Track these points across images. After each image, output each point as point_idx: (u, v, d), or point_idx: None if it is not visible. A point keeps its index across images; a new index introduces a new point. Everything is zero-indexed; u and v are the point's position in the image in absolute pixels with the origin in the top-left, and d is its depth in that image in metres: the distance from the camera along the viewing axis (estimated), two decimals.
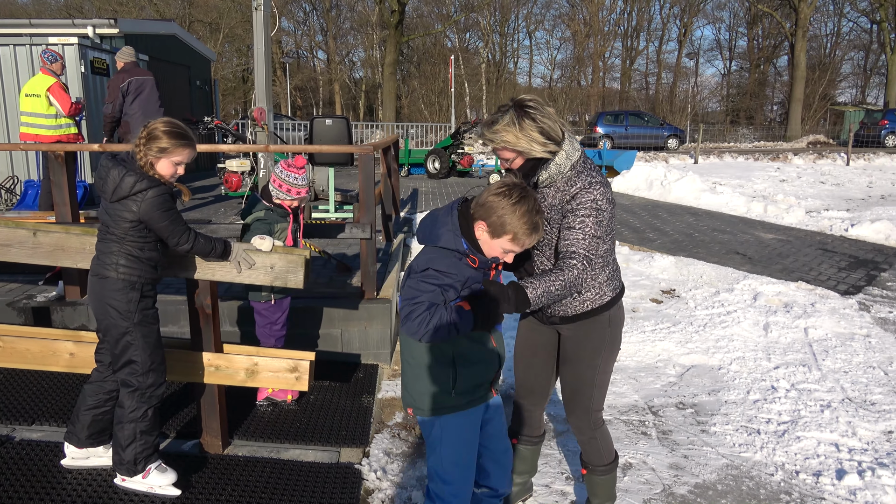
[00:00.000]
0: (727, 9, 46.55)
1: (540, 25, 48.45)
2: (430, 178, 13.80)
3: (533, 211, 2.05)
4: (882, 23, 33.18)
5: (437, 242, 2.07)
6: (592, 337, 2.42)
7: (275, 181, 3.47)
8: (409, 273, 2.11)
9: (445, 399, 2.14)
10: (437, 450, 2.20)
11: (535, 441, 2.78)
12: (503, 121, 2.23)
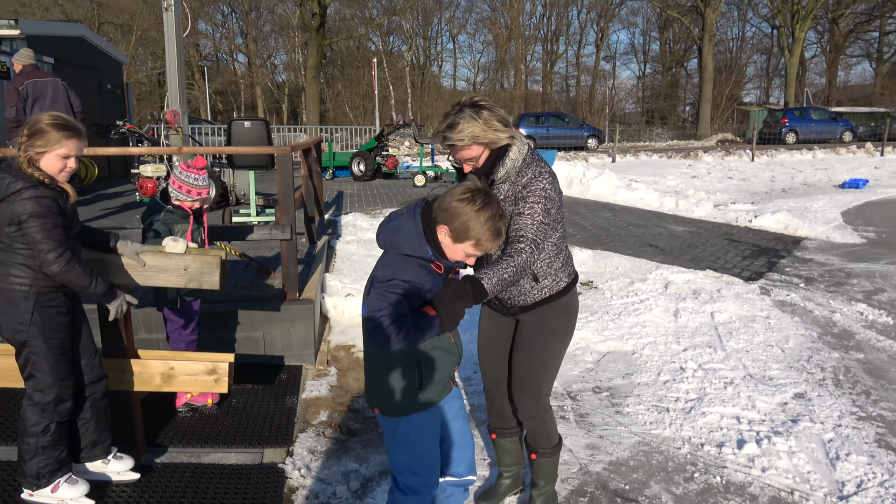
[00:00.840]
0: (640, 14, 48.55)
1: (462, 29, 49.04)
2: (355, 180, 13.74)
3: (496, 216, 2.07)
4: (781, 28, 35.40)
5: (402, 250, 2.05)
6: (548, 321, 2.52)
7: (174, 182, 3.41)
8: (374, 282, 2.08)
9: (412, 399, 2.16)
10: (406, 446, 2.22)
11: (513, 432, 2.83)
12: (463, 119, 2.27)
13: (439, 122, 2.38)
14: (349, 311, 5.12)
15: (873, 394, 3.96)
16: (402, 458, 2.24)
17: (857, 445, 3.32)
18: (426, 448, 2.23)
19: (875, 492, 2.92)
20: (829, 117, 27.62)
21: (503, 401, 2.77)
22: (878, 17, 42.63)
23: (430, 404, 2.20)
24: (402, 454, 2.23)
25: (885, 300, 5.91)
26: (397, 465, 2.27)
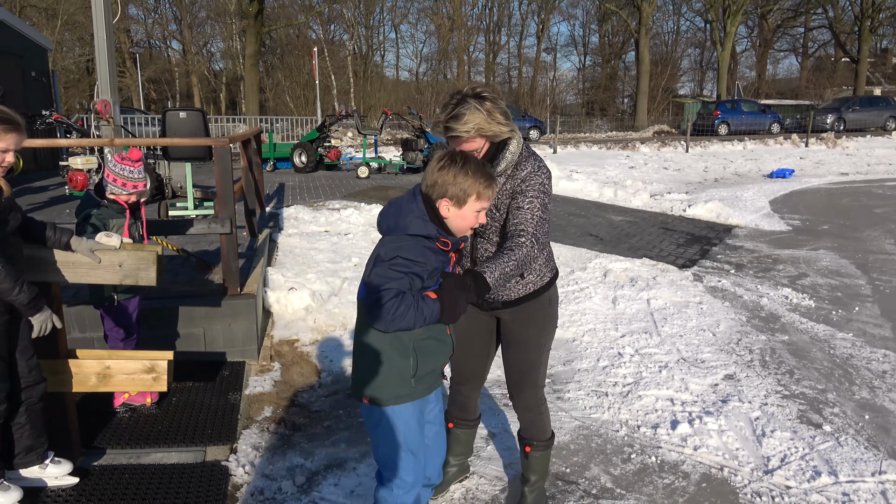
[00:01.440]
0: (580, 6, 49.30)
1: (405, 19, 48.73)
2: (297, 171, 13.53)
3: (480, 164, 2.10)
4: (713, 22, 36.58)
5: (407, 230, 2.04)
6: (537, 318, 2.54)
7: (108, 176, 3.31)
8: (376, 262, 2.05)
9: (403, 387, 2.15)
10: (392, 438, 2.19)
11: (471, 424, 2.90)
12: (468, 110, 2.24)
13: (441, 112, 2.32)
14: (292, 305, 5.07)
15: (796, 373, 4.19)
16: (388, 452, 2.21)
17: (782, 422, 3.52)
18: (413, 440, 2.21)
19: (797, 465, 3.11)
20: (759, 109, 28.77)
21: (471, 394, 2.81)
22: (803, 14, 44.60)
23: (420, 394, 2.19)
24: (387, 447, 2.21)
25: (808, 284, 6.24)
26: (383, 458, 2.24)
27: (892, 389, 3.95)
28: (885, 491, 2.91)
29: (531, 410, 2.68)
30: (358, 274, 5.91)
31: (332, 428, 3.57)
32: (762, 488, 2.94)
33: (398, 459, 2.20)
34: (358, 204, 8.69)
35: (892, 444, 3.32)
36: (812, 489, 2.93)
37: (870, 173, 16.88)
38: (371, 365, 2.14)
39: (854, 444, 3.30)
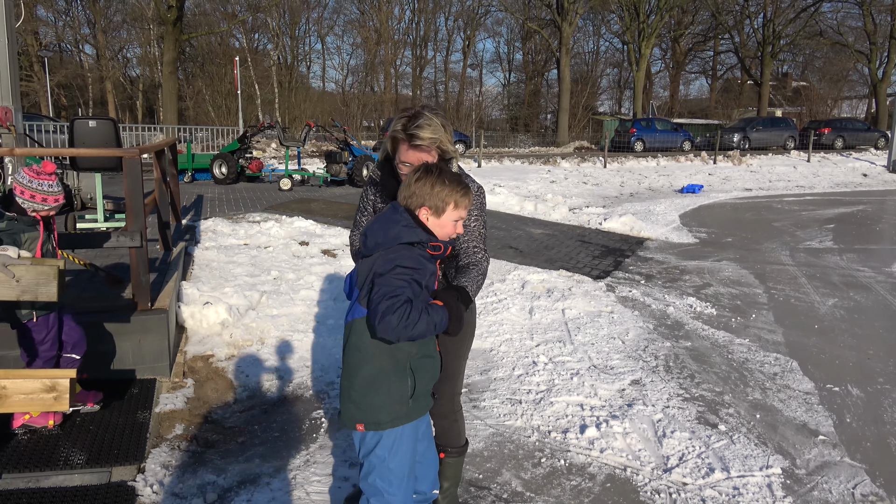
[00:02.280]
0: (504, 24, 50.45)
1: (331, 30, 48.52)
2: (216, 183, 13.21)
3: (455, 175, 2.18)
4: (630, 44, 38.26)
5: (399, 240, 2.06)
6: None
7: (23, 192, 3.17)
8: (375, 277, 2.03)
9: (402, 409, 2.12)
10: (387, 462, 2.16)
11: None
12: (430, 122, 2.32)
13: (402, 119, 2.36)
14: (208, 319, 4.96)
15: (697, 377, 4.45)
16: (382, 476, 2.18)
17: (682, 423, 3.74)
18: (404, 464, 2.20)
19: (694, 462, 3.31)
20: (672, 128, 30.24)
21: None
22: (712, 38, 47.33)
23: (417, 415, 2.18)
24: (382, 472, 2.18)
25: (711, 293, 6.63)
26: (373, 486, 2.20)
27: (782, 390, 4.26)
28: (771, 484, 3.14)
29: (447, 417, 2.73)
30: (277, 288, 5.86)
31: (246, 444, 3.52)
32: (661, 486, 3.11)
33: (392, 484, 2.19)
34: (279, 217, 8.59)
35: (779, 441, 3.58)
36: (706, 485, 3.12)
37: (771, 189, 18.06)
38: (368, 389, 2.11)
39: (745, 442, 3.54)
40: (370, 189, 2.61)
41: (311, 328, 5.17)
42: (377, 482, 2.19)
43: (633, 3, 35.80)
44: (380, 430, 2.13)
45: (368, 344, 2.09)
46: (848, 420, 3.84)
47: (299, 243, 7.43)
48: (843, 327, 5.59)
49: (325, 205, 10.35)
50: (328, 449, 3.45)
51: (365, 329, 2.08)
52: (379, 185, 2.53)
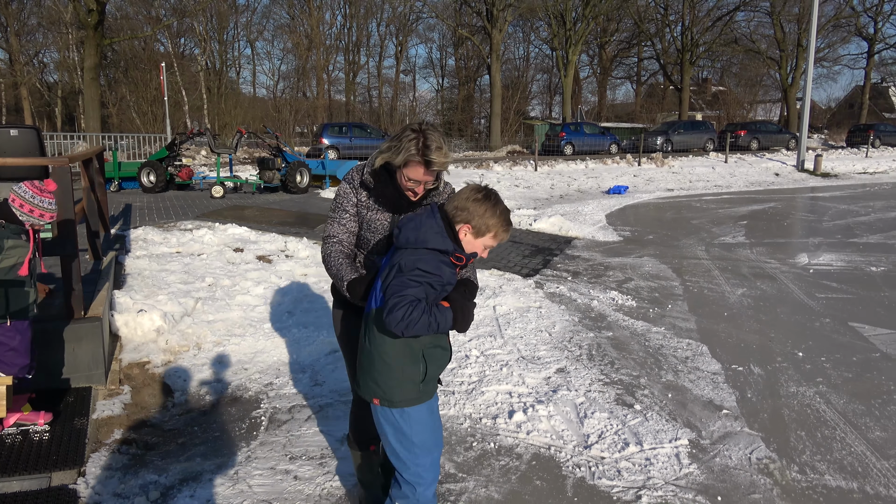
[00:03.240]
0: (436, 30, 50.96)
1: (260, 35, 47.82)
2: (145, 192, 12.92)
3: (506, 210, 2.31)
4: (558, 50, 39.30)
5: (427, 244, 2.19)
6: None
7: (21, 205, 3.28)
8: (396, 273, 2.17)
9: (413, 391, 2.29)
10: (404, 440, 2.33)
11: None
12: (441, 144, 2.38)
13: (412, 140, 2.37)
14: (142, 327, 4.98)
15: (616, 363, 4.79)
16: (401, 452, 2.35)
17: (601, 405, 4.04)
18: (429, 437, 2.37)
19: (611, 439, 3.60)
20: (599, 131, 31.28)
21: None
22: (635, 45, 49.18)
23: (426, 398, 2.35)
24: (402, 448, 2.35)
25: (632, 287, 7.05)
26: (399, 460, 2.36)
27: (692, 372, 4.64)
28: (679, 454, 3.47)
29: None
30: (212, 294, 5.89)
31: (186, 444, 3.60)
32: (581, 461, 3.39)
33: (418, 455, 2.36)
34: (212, 224, 8.55)
35: (687, 416, 3.92)
36: (621, 458, 3.42)
37: (691, 189, 19.01)
38: (384, 370, 2.29)
39: (658, 419, 3.87)
40: (358, 192, 2.57)
41: (248, 333, 5.25)
42: (404, 454, 2.36)
43: (559, 11, 36.84)
44: (392, 407, 2.32)
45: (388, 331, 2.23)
46: (749, 395, 4.23)
47: (234, 250, 7.45)
48: (749, 314, 6.08)
49: (259, 211, 10.33)
50: (269, 445, 3.58)
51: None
52: (373, 191, 2.53)
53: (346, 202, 2.58)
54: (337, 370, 4.64)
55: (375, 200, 2.55)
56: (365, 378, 2.37)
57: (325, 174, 14.87)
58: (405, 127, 2.46)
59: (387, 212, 2.54)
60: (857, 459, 3.40)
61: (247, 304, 5.78)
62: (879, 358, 4.88)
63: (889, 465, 3.34)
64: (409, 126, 2.44)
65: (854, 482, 3.18)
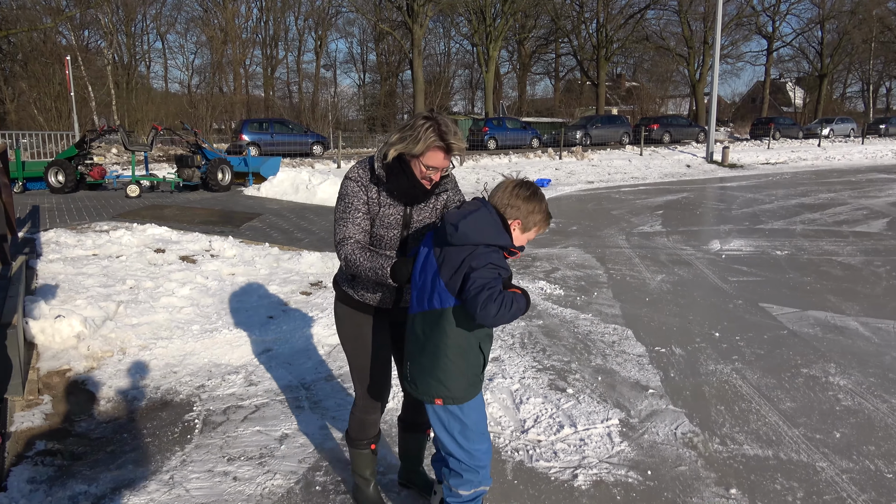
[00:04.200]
0: (357, 25, 50.49)
1: (172, 28, 45.95)
2: (53, 192, 12.22)
3: (548, 206, 2.39)
4: (478, 46, 39.77)
5: (489, 240, 2.22)
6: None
7: None
8: (469, 271, 2.16)
9: (475, 384, 2.37)
10: (467, 432, 2.38)
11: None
12: (457, 129, 2.40)
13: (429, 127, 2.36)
14: (61, 333, 4.73)
15: (548, 350, 4.94)
16: (468, 443, 2.39)
17: (535, 390, 4.17)
18: (481, 422, 2.43)
19: (546, 422, 3.73)
20: (521, 126, 31.92)
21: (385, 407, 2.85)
22: (553, 42, 50.37)
23: (480, 387, 2.41)
24: (467, 439, 2.38)
25: (559, 277, 7.27)
26: (469, 451, 2.39)
27: (619, 355, 4.85)
28: (611, 433, 3.63)
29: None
30: (135, 297, 5.67)
31: (116, 452, 3.47)
32: (519, 445, 3.50)
33: (478, 446, 2.41)
34: (130, 224, 8.21)
35: (616, 397, 4.11)
36: (557, 440, 3.55)
37: (609, 181, 19.71)
38: (451, 367, 2.30)
39: (589, 401, 4.03)
40: (369, 189, 2.51)
41: (175, 335, 5.09)
42: (468, 446, 2.40)
43: (479, 8, 37.27)
44: (457, 404, 2.35)
45: (454, 328, 2.27)
46: (672, 375, 4.47)
47: (155, 251, 7.18)
48: (668, 298, 6.39)
49: (180, 210, 9.98)
50: (205, 448, 3.49)
51: (452, 315, 2.25)
52: (387, 185, 2.48)
53: (356, 201, 2.49)
54: (271, 369, 4.57)
55: (389, 194, 2.50)
56: (425, 379, 2.34)
57: (247, 171, 14.51)
58: (416, 116, 2.44)
59: (400, 205, 2.51)
60: (771, 429, 3.66)
61: (172, 306, 5.59)
62: (787, 335, 5.25)
63: (799, 432, 3.61)
64: (420, 115, 2.43)
65: (769, 450, 3.43)
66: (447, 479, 2.49)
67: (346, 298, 2.68)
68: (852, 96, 64.05)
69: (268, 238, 8.53)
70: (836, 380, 4.33)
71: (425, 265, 2.32)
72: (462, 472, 2.43)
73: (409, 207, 2.53)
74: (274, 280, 6.66)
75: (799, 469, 3.23)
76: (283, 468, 3.29)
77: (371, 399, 2.76)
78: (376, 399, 2.76)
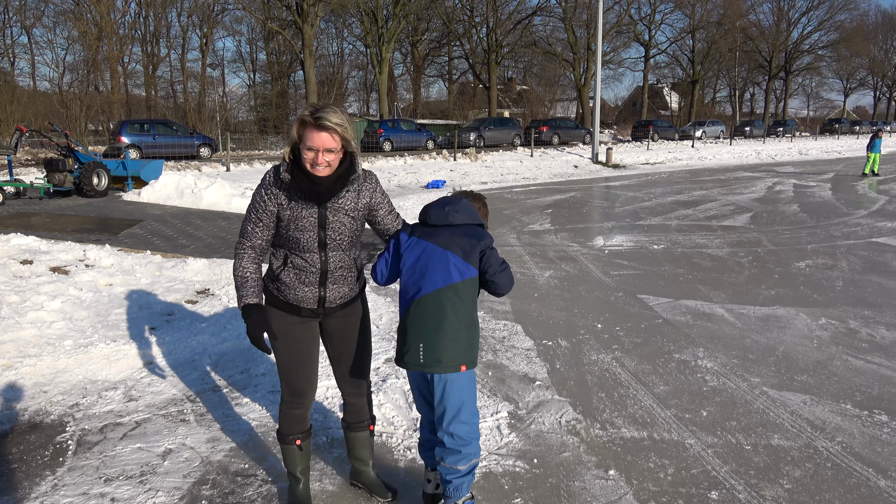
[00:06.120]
0: (245, 23, 48.78)
1: (38, 21, 42.48)
2: None
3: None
4: (371, 47, 39.59)
5: (478, 221, 2.72)
6: (365, 308, 2.90)
7: None
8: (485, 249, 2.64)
9: (477, 350, 2.71)
10: (468, 395, 2.65)
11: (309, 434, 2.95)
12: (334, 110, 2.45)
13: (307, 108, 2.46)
14: None
15: None
16: (471, 405, 2.66)
17: None
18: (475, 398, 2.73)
19: None
20: (416, 128, 32.07)
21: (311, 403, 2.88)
22: (446, 45, 51.00)
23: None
24: (471, 401, 2.66)
25: None
26: (467, 419, 2.64)
27: (509, 350, 5.01)
28: (500, 425, 3.75)
29: (366, 393, 2.99)
30: None
31: None
32: (412, 444, 3.54)
33: (475, 419, 2.69)
34: None
35: (506, 391, 4.24)
36: None
37: (502, 182, 20.23)
38: (467, 336, 2.62)
39: (480, 396, 4.14)
40: (276, 195, 2.55)
41: (45, 352, 4.74)
42: (471, 408, 2.66)
43: (371, 9, 37.11)
44: (473, 367, 2.65)
45: (470, 297, 2.64)
46: (557, 366, 4.68)
47: (20, 262, 6.65)
48: (556, 293, 6.67)
49: (50, 218, 9.29)
50: (79, 470, 3.29)
51: (470, 286, 2.62)
52: (292, 187, 2.50)
53: (260, 210, 2.58)
54: (153, 383, 4.36)
55: (292, 197, 2.52)
56: (449, 350, 2.58)
57: (126, 175, 13.70)
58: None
59: (312, 206, 2.53)
60: (647, 412, 3.92)
61: (41, 321, 5.20)
62: (661, 323, 5.63)
63: (671, 413, 3.89)
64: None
65: (644, 431, 3.67)
66: (445, 458, 2.66)
67: (272, 299, 2.72)
68: (721, 100, 69.47)
69: (149, 245, 8.10)
70: (703, 363, 4.70)
71: (421, 254, 2.65)
72: (460, 448, 2.63)
73: (323, 208, 2.55)
74: (156, 289, 6.34)
75: (670, 447, 3.48)
76: (167, 485, 3.16)
77: (294, 395, 2.82)
78: (299, 395, 2.82)
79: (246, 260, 2.60)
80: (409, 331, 2.62)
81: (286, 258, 2.63)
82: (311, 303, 2.68)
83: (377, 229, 2.82)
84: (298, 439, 2.88)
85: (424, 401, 2.81)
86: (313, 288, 2.65)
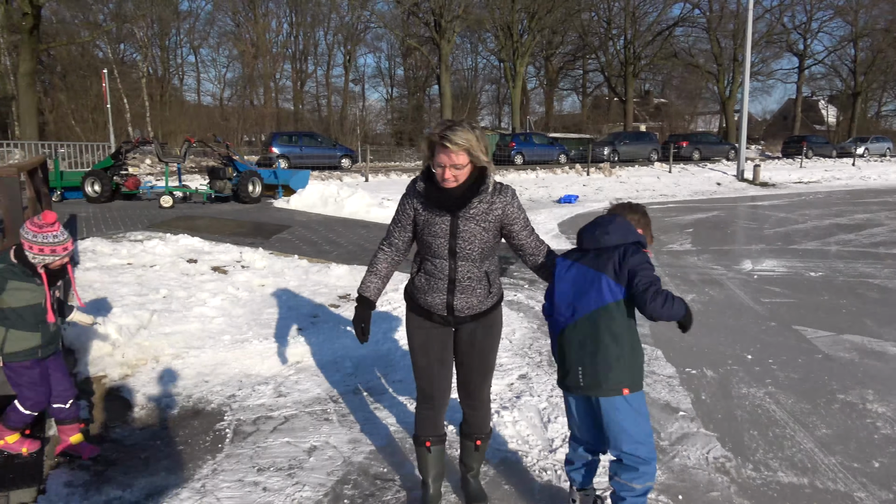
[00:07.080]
0: (385, 40, 50.99)
1: (205, 42, 46.92)
2: (89, 202, 12.52)
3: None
4: (505, 62, 39.94)
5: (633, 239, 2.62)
6: (498, 323, 2.94)
7: (30, 247, 3.13)
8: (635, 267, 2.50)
9: (643, 369, 2.64)
10: (641, 419, 2.58)
11: (443, 439, 3.05)
12: (462, 128, 2.53)
13: (437, 127, 2.58)
14: (96, 341, 4.83)
15: None
16: (641, 430, 2.57)
17: (563, 409, 4.13)
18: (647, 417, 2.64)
19: None
20: (548, 142, 31.89)
21: (444, 409, 3.00)
22: (580, 58, 50.35)
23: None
24: (644, 424, 2.59)
25: None
26: (637, 437, 2.55)
27: (649, 375, 4.79)
28: None
29: (486, 404, 3.04)
30: (168, 306, 5.77)
31: (149, 459, 3.52)
32: (548, 465, 3.47)
33: (649, 432, 2.61)
34: (163, 234, 8.37)
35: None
36: None
37: (638, 198, 19.54)
38: (630, 358, 2.55)
39: None
40: (413, 202, 2.75)
41: (207, 345, 5.16)
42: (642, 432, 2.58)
43: (506, 24, 37.45)
44: (637, 390, 2.57)
45: (625, 318, 2.56)
46: (703, 397, 4.41)
47: (187, 261, 7.31)
48: (698, 318, 6.26)
49: (212, 222, 10.15)
50: (235, 457, 3.53)
51: (624, 307, 2.54)
52: (422, 197, 2.69)
53: (401, 215, 2.79)
54: (300, 381, 4.61)
55: (424, 205, 2.69)
56: (609, 373, 2.53)
57: (277, 184, 14.70)
58: None
59: (445, 215, 2.65)
60: (807, 456, 3.58)
61: (205, 316, 5.67)
62: (822, 359, 5.15)
63: (835, 460, 3.53)
64: None
65: (805, 477, 3.36)
66: (620, 474, 2.62)
67: (411, 304, 2.89)
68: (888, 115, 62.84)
69: (297, 250, 8.62)
70: (874, 407, 4.24)
71: (577, 277, 2.63)
72: (638, 466, 2.57)
73: (455, 217, 2.64)
74: (303, 292, 6.73)
75: (836, 499, 3.16)
76: (312, 480, 3.31)
77: (424, 398, 2.93)
78: (429, 398, 2.92)
79: (381, 254, 2.87)
80: (567, 354, 2.62)
81: (421, 263, 2.80)
82: (440, 309, 2.79)
83: (512, 244, 2.84)
84: (429, 441, 2.96)
85: (583, 421, 2.75)
86: (441, 294, 2.75)
